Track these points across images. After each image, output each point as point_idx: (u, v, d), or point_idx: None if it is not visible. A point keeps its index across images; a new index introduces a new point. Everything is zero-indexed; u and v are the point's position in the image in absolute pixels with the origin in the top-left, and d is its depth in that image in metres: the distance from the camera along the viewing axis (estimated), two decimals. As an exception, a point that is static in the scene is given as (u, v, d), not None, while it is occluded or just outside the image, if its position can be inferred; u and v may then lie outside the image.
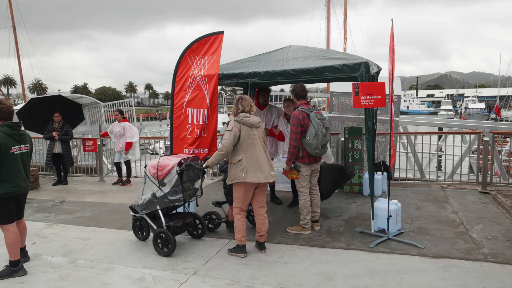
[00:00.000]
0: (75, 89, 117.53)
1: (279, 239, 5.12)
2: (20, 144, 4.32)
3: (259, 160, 4.50)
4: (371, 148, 5.23)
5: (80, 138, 11.22)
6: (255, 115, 4.76)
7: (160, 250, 4.75)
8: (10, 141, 4.21)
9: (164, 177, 4.79)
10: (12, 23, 30.62)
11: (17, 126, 4.36)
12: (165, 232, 4.71)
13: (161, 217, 4.83)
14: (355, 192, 7.47)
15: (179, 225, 4.89)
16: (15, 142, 4.27)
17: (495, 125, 11.77)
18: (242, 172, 4.47)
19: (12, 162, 4.21)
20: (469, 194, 7.06)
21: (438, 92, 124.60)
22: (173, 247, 4.69)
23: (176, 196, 4.79)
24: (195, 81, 5.61)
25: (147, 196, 4.94)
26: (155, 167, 4.84)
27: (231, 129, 4.53)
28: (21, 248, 4.59)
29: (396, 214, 5.11)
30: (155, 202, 4.85)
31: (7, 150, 4.17)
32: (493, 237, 4.94)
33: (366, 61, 5.06)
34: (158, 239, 4.77)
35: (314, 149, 5.11)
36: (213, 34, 5.80)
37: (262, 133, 4.71)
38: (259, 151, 4.55)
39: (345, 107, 9.74)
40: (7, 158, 4.17)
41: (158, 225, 4.91)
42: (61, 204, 7.52)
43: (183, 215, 5.15)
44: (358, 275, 4.05)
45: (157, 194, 4.83)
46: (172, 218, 5.07)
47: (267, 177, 4.53)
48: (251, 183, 4.50)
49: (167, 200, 4.79)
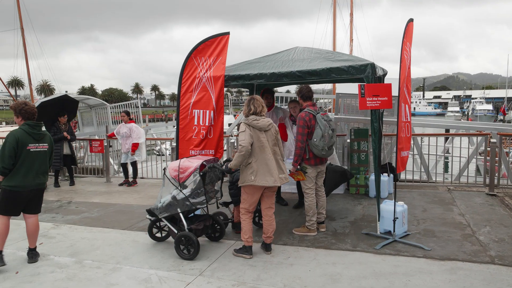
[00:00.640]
0: (82, 90, 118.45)
1: (284, 241, 5.12)
2: (38, 142, 4.61)
3: (268, 164, 4.49)
4: (377, 150, 5.22)
5: (87, 139, 11.29)
6: None
7: (183, 253, 4.65)
8: (28, 138, 4.53)
9: (185, 180, 4.72)
10: (21, 25, 30.87)
11: (36, 126, 4.66)
12: (189, 235, 4.61)
13: (182, 220, 4.74)
14: (361, 193, 7.45)
15: (201, 227, 4.81)
16: (33, 140, 4.57)
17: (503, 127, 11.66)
18: (252, 175, 4.47)
19: (27, 159, 4.51)
20: (476, 196, 7.02)
21: (445, 94, 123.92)
22: (196, 250, 4.58)
23: (198, 199, 4.73)
24: (201, 82, 5.63)
25: (166, 199, 4.82)
26: (176, 169, 4.77)
27: (244, 130, 4.50)
28: (30, 248, 4.78)
29: (402, 216, 5.09)
30: (176, 205, 4.75)
31: (24, 146, 4.48)
32: (500, 240, 4.90)
33: (372, 63, 5.06)
34: (180, 242, 4.67)
35: (320, 150, 5.10)
36: (219, 35, 5.82)
37: (272, 135, 4.63)
38: (268, 154, 4.52)
39: (351, 109, 9.71)
40: (23, 154, 4.47)
41: (178, 228, 4.82)
42: (68, 204, 7.57)
43: (203, 217, 5.06)
44: (364, 277, 4.04)
45: (178, 197, 4.74)
46: (192, 220, 4.96)
47: (276, 180, 4.50)
48: (260, 186, 4.50)
49: (188, 203, 4.70)
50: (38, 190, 4.71)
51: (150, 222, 5.23)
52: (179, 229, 4.83)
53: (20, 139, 4.47)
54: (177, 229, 4.83)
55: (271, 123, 4.67)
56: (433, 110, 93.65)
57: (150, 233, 5.26)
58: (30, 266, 4.57)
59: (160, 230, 5.28)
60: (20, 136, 4.48)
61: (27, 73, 31.52)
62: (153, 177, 10.08)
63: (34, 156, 4.57)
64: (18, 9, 30.40)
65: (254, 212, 4.88)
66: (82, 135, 13.89)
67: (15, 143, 4.43)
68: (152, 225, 5.24)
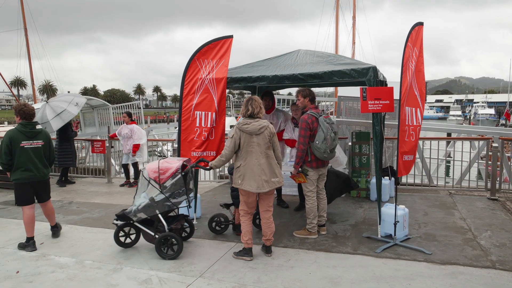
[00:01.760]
0: (84, 91, 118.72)
1: (285, 243, 5.12)
2: (32, 140, 5.10)
3: (253, 169, 4.44)
4: (378, 153, 5.22)
5: (89, 139, 11.32)
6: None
7: (165, 254, 4.69)
8: (21, 136, 5.03)
9: (166, 180, 4.73)
10: (24, 25, 31.01)
11: (29, 124, 5.12)
12: (172, 235, 4.67)
13: (162, 221, 4.77)
14: (362, 197, 7.45)
15: (179, 227, 4.91)
16: (26, 138, 5.06)
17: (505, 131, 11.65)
18: (239, 179, 4.50)
19: (23, 154, 5.02)
20: (478, 201, 7.01)
21: (447, 97, 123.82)
22: (180, 249, 4.66)
23: (179, 198, 4.78)
24: (204, 84, 5.65)
25: (142, 201, 4.79)
26: (155, 170, 4.74)
27: (231, 136, 4.53)
28: (52, 226, 5.63)
29: (403, 219, 5.09)
30: (154, 206, 4.74)
31: (17, 143, 5.00)
32: (502, 244, 4.89)
33: (374, 66, 5.06)
34: (161, 244, 4.69)
35: (322, 153, 5.10)
36: (222, 38, 5.85)
37: (265, 138, 4.51)
38: (255, 159, 4.45)
39: (352, 112, 9.72)
40: (18, 151, 5.00)
41: (155, 230, 4.84)
42: (69, 205, 7.59)
43: (178, 217, 5.12)
44: (364, 280, 4.04)
45: (156, 199, 4.72)
46: (169, 221, 4.98)
47: (259, 186, 4.42)
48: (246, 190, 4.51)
49: (169, 204, 4.73)
50: (43, 181, 5.28)
51: (117, 228, 5.07)
52: (156, 230, 4.84)
53: (13, 137, 4.98)
54: (154, 231, 4.83)
55: (264, 126, 4.52)
56: (435, 114, 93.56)
57: (117, 239, 5.06)
58: (30, 266, 4.58)
59: (127, 235, 5.13)
60: (13, 134, 5.00)
61: (30, 73, 31.65)
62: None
63: (29, 152, 5.05)
64: (21, 10, 30.55)
65: (255, 214, 4.88)
66: (84, 136, 13.94)
67: (8, 141, 4.97)
68: (119, 231, 5.08)
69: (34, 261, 4.74)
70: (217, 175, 10.00)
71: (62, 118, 8.82)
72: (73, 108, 9.16)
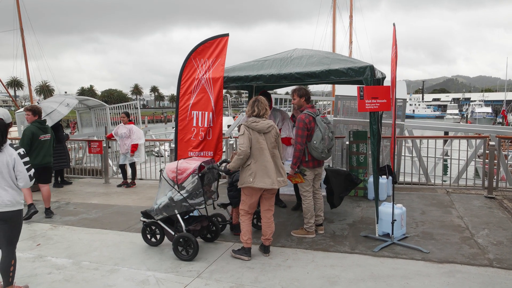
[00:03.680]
0: (81, 91, 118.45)
1: (283, 243, 5.11)
2: (45, 134, 6.70)
3: (267, 166, 4.47)
4: (376, 152, 5.22)
5: (86, 140, 11.28)
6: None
7: (181, 255, 4.65)
8: (40, 132, 6.60)
9: (183, 181, 4.71)
10: (20, 25, 30.88)
11: (43, 122, 6.82)
12: (188, 236, 4.62)
13: (180, 221, 4.74)
14: (359, 196, 7.45)
15: (198, 228, 4.83)
16: (42, 132, 6.64)
17: (502, 130, 11.68)
18: (250, 177, 4.47)
19: (40, 145, 6.55)
20: (475, 199, 7.02)
21: (444, 96, 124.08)
22: (195, 251, 4.59)
23: (196, 200, 4.74)
24: (200, 84, 5.63)
25: (163, 200, 4.83)
26: (174, 170, 4.75)
27: (243, 133, 4.50)
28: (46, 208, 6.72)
29: (400, 218, 5.09)
30: (173, 206, 4.75)
31: (37, 137, 6.54)
32: (499, 243, 4.90)
33: (371, 65, 5.06)
34: (178, 244, 4.67)
35: (320, 153, 5.10)
36: (218, 36, 5.83)
37: (272, 137, 4.59)
38: (267, 156, 4.50)
39: (350, 111, 9.71)
40: (37, 142, 6.51)
41: (175, 230, 4.83)
42: (66, 205, 7.56)
43: (200, 218, 5.09)
44: (362, 279, 4.04)
45: (175, 198, 4.73)
46: (189, 222, 4.98)
47: (273, 183, 4.48)
48: (259, 188, 4.50)
49: (187, 204, 4.71)
50: (46, 167, 6.65)
51: (143, 225, 5.16)
52: (176, 230, 4.82)
53: (35, 133, 6.52)
54: (174, 230, 4.83)
55: (271, 125, 4.62)
56: (432, 112, 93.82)
57: (144, 236, 5.19)
58: (27, 267, 4.56)
59: (153, 235, 5.17)
60: (35, 130, 6.54)
61: (27, 74, 31.53)
62: (151, 178, 10.06)
63: (44, 143, 6.62)
64: (17, 10, 30.43)
65: (253, 214, 4.87)
66: (81, 136, 13.89)
67: (31, 135, 6.45)
68: (146, 228, 5.17)
69: (31, 262, 4.72)
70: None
71: (52, 118, 8.77)
72: (64, 108, 9.11)
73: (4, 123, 3.79)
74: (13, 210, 3.68)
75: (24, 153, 3.77)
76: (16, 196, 3.72)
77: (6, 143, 3.69)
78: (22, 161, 3.69)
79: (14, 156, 3.66)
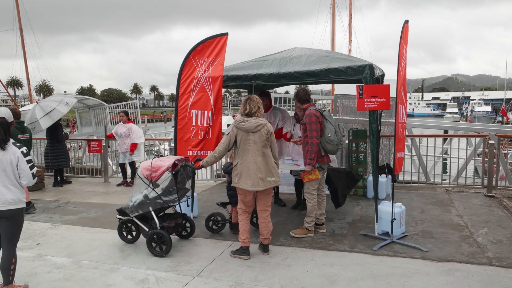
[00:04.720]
0: (81, 90, 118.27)
1: (282, 241, 5.12)
2: (23, 133, 7.24)
3: (249, 167, 4.43)
4: (375, 151, 5.22)
5: (85, 139, 11.28)
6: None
7: (155, 251, 4.76)
8: (17, 131, 7.03)
9: (157, 178, 4.80)
10: (19, 25, 30.82)
11: (22, 122, 7.38)
12: (161, 232, 4.72)
13: (154, 218, 4.85)
14: (359, 194, 7.45)
15: (172, 225, 4.94)
16: (20, 132, 7.14)
17: (501, 128, 11.68)
18: (236, 177, 4.50)
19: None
20: (474, 198, 7.02)
21: (444, 95, 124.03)
22: (169, 247, 4.70)
23: (170, 197, 4.82)
24: (200, 83, 5.64)
25: (137, 198, 4.93)
26: (148, 168, 4.84)
27: (228, 134, 4.56)
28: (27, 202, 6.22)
29: (400, 217, 5.09)
30: (148, 203, 4.84)
31: (16, 136, 6.79)
32: (498, 241, 4.91)
33: (371, 64, 5.06)
34: (152, 240, 4.77)
35: (335, 145, 5.08)
36: (217, 36, 5.83)
37: (262, 136, 4.48)
38: (251, 157, 4.44)
39: (349, 110, 9.71)
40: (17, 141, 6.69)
41: (150, 226, 4.92)
42: (65, 204, 7.56)
43: (174, 215, 5.18)
44: (361, 278, 4.04)
45: (150, 196, 4.82)
46: (163, 219, 5.08)
47: (254, 184, 4.41)
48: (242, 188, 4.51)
49: (161, 201, 4.80)
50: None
51: (119, 223, 5.23)
52: (150, 227, 4.91)
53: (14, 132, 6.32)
54: (149, 227, 4.92)
55: (261, 124, 4.50)
56: (432, 111, 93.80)
57: (120, 233, 5.26)
58: (27, 266, 4.56)
59: (128, 232, 5.25)
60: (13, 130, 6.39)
61: (26, 73, 31.47)
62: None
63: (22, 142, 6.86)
64: (17, 9, 30.37)
65: (252, 212, 4.87)
66: (80, 135, 13.89)
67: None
68: (122, 226, 5.24)
69: (30, 261, 4.72)
70: (214, 174, 9.99)
71: (51, 117, 8.78)
72: (63, 107, 9.10)
73: (6, 121, 3.81)
74: (15, 208, 3.70)
75: (27, 151, 3.79)
76: (19, 194, 3.73)
77: (10, 141, 3.71)
78: (25, 159, 3.71)
79: (17, 154, 3.69)
